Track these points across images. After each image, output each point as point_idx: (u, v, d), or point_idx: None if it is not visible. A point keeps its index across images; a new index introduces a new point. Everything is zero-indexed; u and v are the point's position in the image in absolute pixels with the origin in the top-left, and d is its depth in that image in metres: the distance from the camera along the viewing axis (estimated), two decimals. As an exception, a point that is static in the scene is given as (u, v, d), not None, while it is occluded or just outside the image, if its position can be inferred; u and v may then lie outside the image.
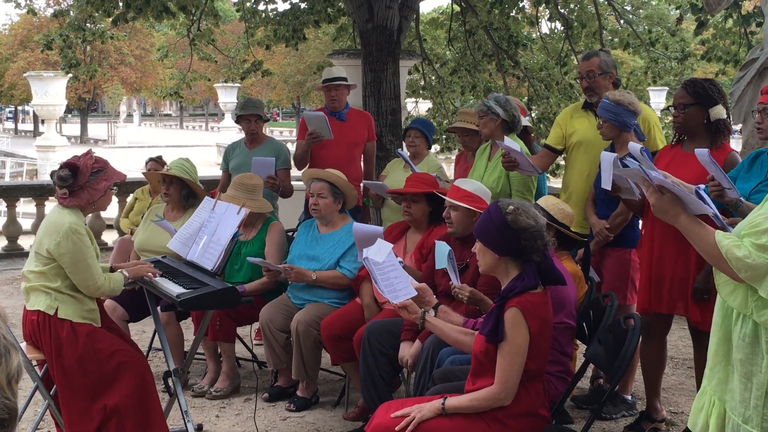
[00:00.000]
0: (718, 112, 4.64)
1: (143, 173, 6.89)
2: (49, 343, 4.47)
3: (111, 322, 4.82)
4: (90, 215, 11.63)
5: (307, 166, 6.78)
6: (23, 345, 4.78)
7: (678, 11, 12.76)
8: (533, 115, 12.52)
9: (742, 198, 3.99)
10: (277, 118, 74.73)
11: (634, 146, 3.95)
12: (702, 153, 3.79)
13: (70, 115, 71.42)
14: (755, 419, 2.74)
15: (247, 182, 6.00)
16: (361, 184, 7.04)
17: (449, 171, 10.19)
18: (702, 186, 3.30)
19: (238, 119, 7.00)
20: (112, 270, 4.88)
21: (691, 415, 3.06)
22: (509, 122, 5.79)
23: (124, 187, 11.49)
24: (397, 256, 4.25)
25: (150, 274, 4.80)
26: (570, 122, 5.77)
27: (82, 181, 4.49)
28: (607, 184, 4.71)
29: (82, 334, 4.45)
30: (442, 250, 4.36)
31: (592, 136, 5.56)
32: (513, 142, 5.40)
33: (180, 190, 6.13)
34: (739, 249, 2.67)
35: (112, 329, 4.71)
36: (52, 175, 4.56)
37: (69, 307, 4.47)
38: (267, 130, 52.79)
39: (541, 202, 5.00)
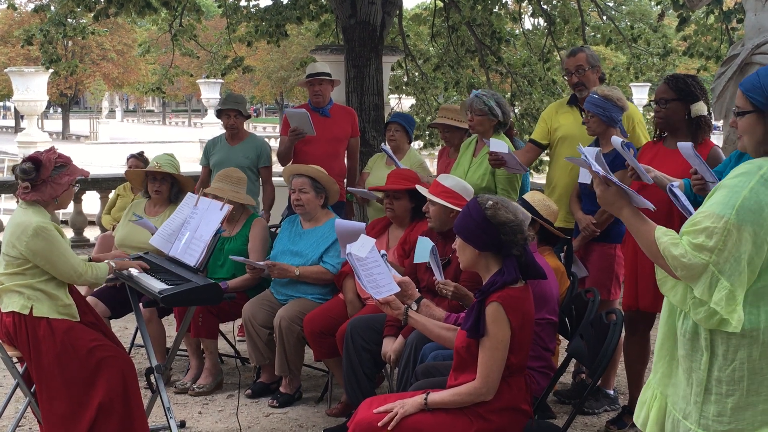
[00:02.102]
0: (699, 108, 4.67)
1: (124, 172, 6.84)
2: (26, 344, 4.41)
3: (93, 316, 4.75)
4: (72, 212, 11.64)
5: (290, 162, 6.77)
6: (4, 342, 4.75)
7: (659, 7, 12.82)
8: (516, 111, 12.54)
9: None
10: (253, 114, 74.38)
11: (616, 140, 3.97)
12: (685, 146, 3.80)
13: (51, 111, 71.02)
14: (694, 415, 2.75)
15: (232, 175, 6.04)
16: (344, 180, 7.05)
17: (432, 167, 10.20)
18: (675, 183, 3.30)
19: (219, 114, 6.98)
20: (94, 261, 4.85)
21: (636, 408, 3.08)
22: (503, 124, 5.82)
23: (107, 183, 11.43)
24: (380, 250, 4.25)
25: (137, 268, 4.81)
26: (555, 117, 5.80)
27: (45, 175, 4.42)
28: (585, 178, 4.73)
29: (59, 331, 4.40)
30: (425, 245, 4.36)
31: (577, 131, 5.58)
32: (501, 143, 5.40)
33: (170, 187, 6.13)
34: (676, 247, 2.65)
35: (93, 324, 4.66)
36: (14, 169, 4.49)
37: (44, 305, 4.41)
38: (250, 126, 52.40)
39: (527, 197, 5.01)
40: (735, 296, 2.59)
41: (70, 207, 11.71)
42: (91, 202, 12.26)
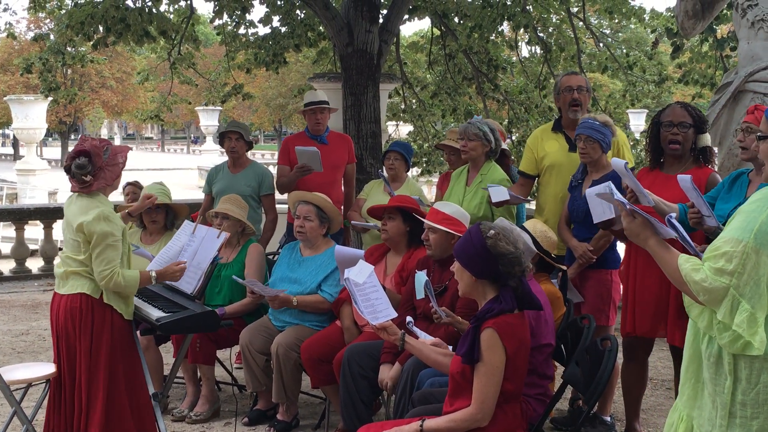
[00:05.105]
0: (706, 139, 4.77)
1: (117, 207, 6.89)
2: (89, 329, 4.44)
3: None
4: (43, 241, 11.68)
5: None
6: (2, 369, 4.75)
7: (654, 35, 12.92)
8: (513, 138, 12.59)
9: (721, 226, 4.04)
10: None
11: (618, 162, 4.00)
12: (684, 179, 3.84)
13: (50, 139, 71.13)
14: None
15: (237, 198, 6.17)
16: (342, 207, 7.07)
17: (429, 193, 10.22)
18: (673, 214, 3.35)
19: (221, 140, 6.99)
20: None
21: (664, 430, 3.11)
22: (494, 150, 5.86)
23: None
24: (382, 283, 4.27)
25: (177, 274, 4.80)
26: (541, 145, 5.82)
27: (100, 163, 4.46)
28: (598, 218, 4.72)
29: (118, 325, 4.51)
30: (420, 280, 4.38)
31: (564, 158, 5.63)
32: (500, 189, 5.43)
33: (165, 216, 6.20)
34: (698, 273, 2.73)
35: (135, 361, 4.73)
36: (68, 169, 4.49)
37: (111, 294, 4.48)
38: (249, 152, 52.39)
39: (528, 226, 5.04)
40: (756, 318, 2.66)
41: (41, 235, 11.87)
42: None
